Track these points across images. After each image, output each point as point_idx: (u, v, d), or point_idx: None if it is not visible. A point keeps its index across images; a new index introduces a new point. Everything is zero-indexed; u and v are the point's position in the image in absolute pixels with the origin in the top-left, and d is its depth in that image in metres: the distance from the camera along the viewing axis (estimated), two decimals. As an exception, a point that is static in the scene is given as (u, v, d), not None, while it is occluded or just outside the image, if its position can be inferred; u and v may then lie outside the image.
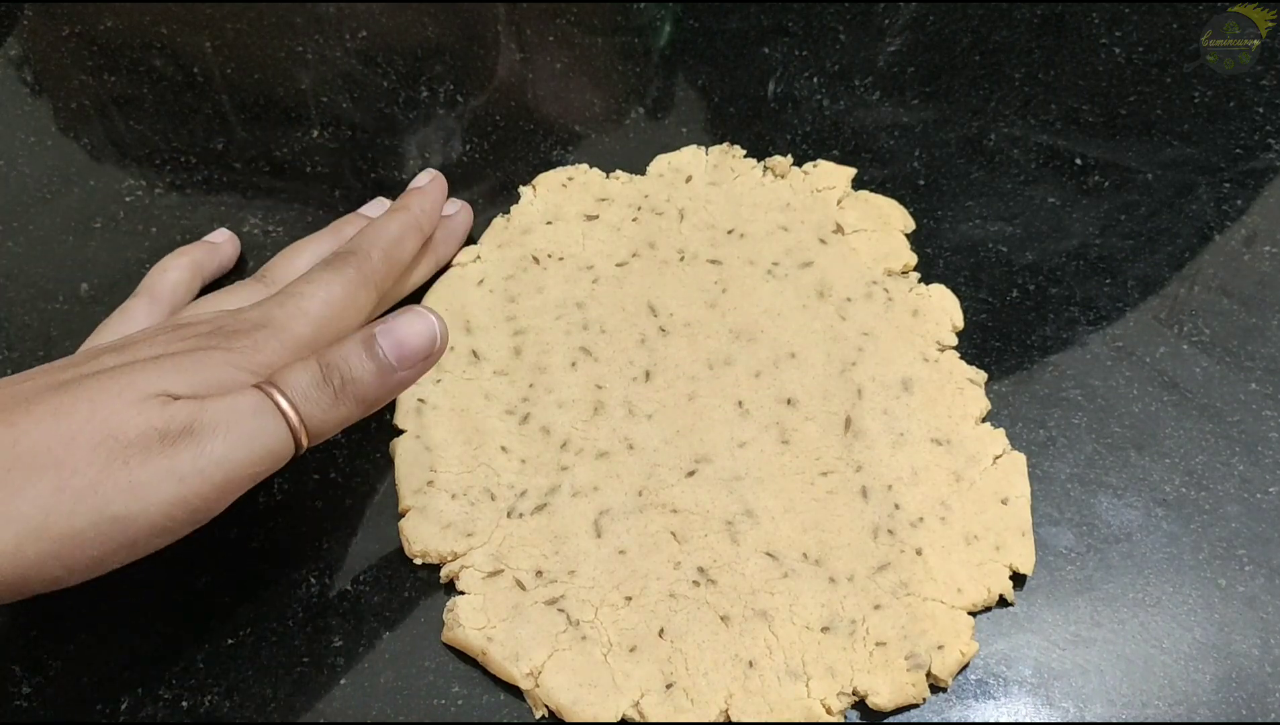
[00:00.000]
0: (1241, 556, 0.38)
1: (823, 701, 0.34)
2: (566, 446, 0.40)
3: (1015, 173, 0.49)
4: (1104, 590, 0.37)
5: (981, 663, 0.36)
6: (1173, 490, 0.40)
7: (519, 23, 0.57)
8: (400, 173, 0.50)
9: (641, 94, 0.54)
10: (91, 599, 0.38)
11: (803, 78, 0.53)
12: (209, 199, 0.49)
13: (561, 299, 0.44)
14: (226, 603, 0.37)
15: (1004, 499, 0.39)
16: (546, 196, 0.48)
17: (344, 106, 0.53)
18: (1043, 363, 0.43)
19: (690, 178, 0.48)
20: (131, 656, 0.36)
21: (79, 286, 0.46)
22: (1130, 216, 0.48)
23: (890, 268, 0.45)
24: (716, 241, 0.46)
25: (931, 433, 0.40)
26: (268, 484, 0.40)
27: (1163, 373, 0.43)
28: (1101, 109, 0.52)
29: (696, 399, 0.41)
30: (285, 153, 0.51)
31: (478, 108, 0.53)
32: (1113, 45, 0.55)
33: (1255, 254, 0.47)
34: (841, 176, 0.48)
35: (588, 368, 0.42)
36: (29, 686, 0.36)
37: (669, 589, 0.37)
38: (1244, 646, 0.36)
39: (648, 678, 0.35)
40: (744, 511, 0.38)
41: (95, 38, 0.56)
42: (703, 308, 0.44)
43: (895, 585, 0.37)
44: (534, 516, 0.38)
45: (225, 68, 0.55)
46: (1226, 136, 0.50)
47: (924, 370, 0.42)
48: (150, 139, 0.52)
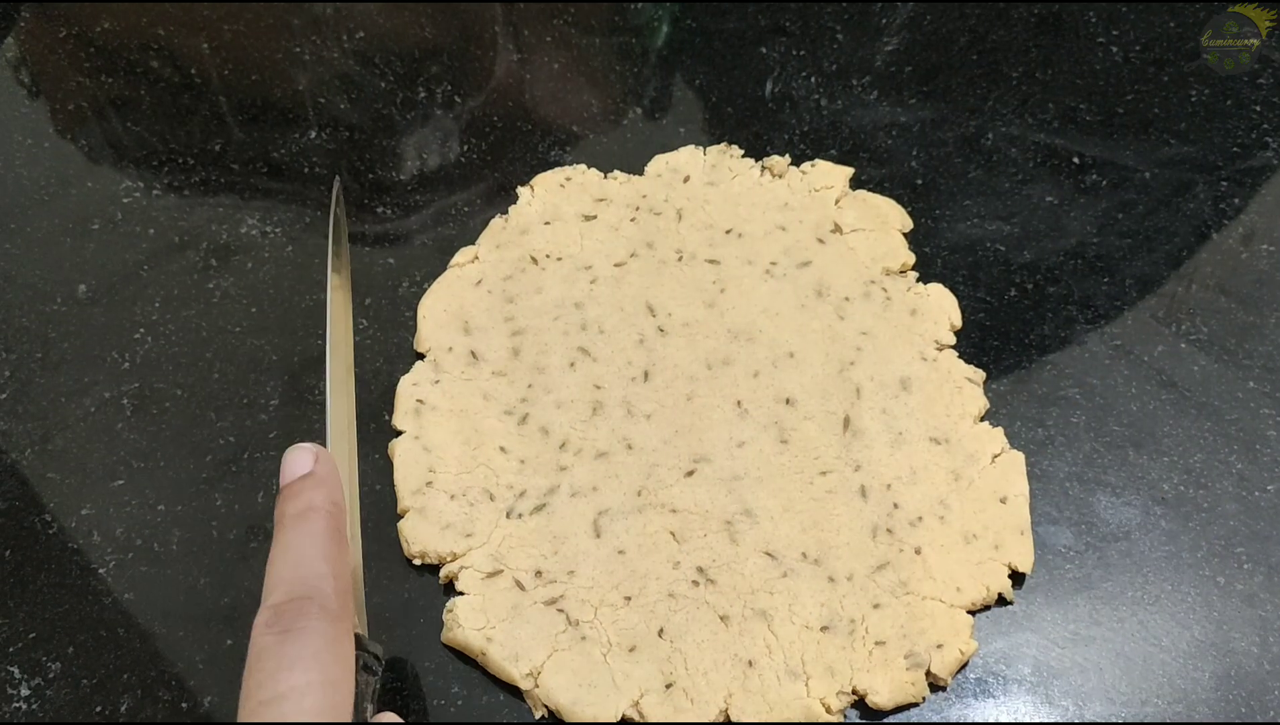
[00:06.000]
0: (1240, 554, 0.38)
1: (822, 700, 0.34)
2: (565, 447, 0.40)
3: (1013, 172, 0.49)
4: (1103, 588, 0.37)
5: (981, 661, 0.36)
6: (1171, 488, 0.40)
7: (516, 23, 0.57)
8: (398, 173, 0.50)
9: (639, 94, 0.54)
10: (91, 600, 0.38)
11: (800, 77, 0.53)
12: (207, 200, 0.49)
13: (560, 299, 0.44)
14: (226, 604, 0.37)
15: (1003, 498, 0.39)
16: (544, 197, 0.48)
17: (341, 107, 0.53)
18: (1041, 361, 0.43)
19: (688, 178, 0.48)
20: (131, 657, 0.36)
21: (77, 288, 0.46)
22: (1128, 215, 0.48)
23: (888, 267, 0.45)
24: (714, 241, 0.46)
25: (930, 432, 0.40)
26: (267, 485, 0.40)
27: (1161, 371, 0.43)
28: (1099, 108, 0.52)
29: (695, 399, 0.41)
30: (283, 154, 0.51)
31: (475, 108, 0.53)
32: (1110, 44, 0.55)
33: (1253, 252, 0.47)
34: (839, 176, 0.48)
35: (586, 368, 0.42)
36: (28, 688, 0.36)
37: (668, 589, 0.37)
38: (1243, 644, 0.36)
39: (647, 678, 0.35)
40: (743, 511, 0.38)
41: (92, 39, 0.56)
42: (701, 308, 0.44)
43: (894, 584, 0.37)
44: (533, 517, 0.38)
45: (223, 69, 0.55)
46: (1224, 135, 0.51)
47: (922, 369, 0.42)
48: (148, 140, 0.51)
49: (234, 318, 0.45)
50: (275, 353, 0.44)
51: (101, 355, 0.44)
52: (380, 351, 0.44)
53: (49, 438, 0.42)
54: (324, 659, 0.27)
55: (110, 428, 0.42)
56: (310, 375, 0.43)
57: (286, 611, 0.27)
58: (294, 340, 0.44)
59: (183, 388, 0.43)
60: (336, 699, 0.27)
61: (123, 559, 0.39)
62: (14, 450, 0.42)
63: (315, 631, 0.27)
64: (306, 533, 0.29)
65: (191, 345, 0.44)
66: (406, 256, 0.47)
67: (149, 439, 0.42)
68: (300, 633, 0.27)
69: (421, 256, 0.47)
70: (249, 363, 0.44)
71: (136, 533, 0.39)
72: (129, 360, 0.44)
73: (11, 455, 0.42)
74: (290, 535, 0.29)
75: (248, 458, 0.41)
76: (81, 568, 0.39)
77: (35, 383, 0.44)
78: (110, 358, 0.44)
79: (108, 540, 0.39)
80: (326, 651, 0.27)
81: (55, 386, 0.43)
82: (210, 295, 0.46)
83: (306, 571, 0.28)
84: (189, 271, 0.47)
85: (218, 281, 0.46)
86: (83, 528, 0.39)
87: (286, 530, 0.29)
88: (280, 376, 0.43)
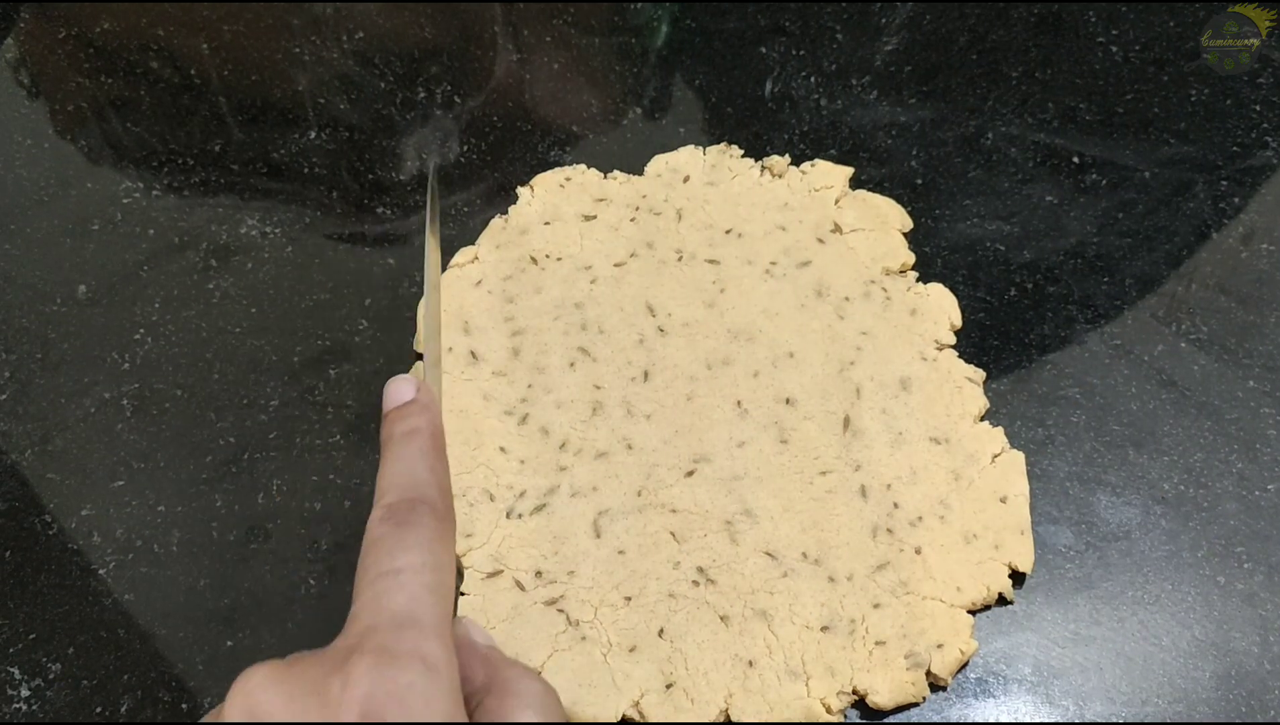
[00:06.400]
0: (1240, 554, 0.38)
1: (822, 700, 0.34)
2: (565, 447, 0.40)
3: (1013, 171, 0.49)
4: (1103, 588, 0.37)
5: (981, 661, 0.36)
6: (1171, 488, 0.40)
7: (516, 23, 0.57)
8: (398, 173, 0.50)
9: (639, 94, 0.54)
10: (91, 601, 0.38)
11: (800, 77, 0.53)
12: (206, 200, 0.49)
13: (560, 299, 0.44)
14: (226, 605, 0.37)
15: (1003, 497, 0.39)
16: (544, 197, 0.48)
17: (341, 108, 0.53)
18: (1041, 361, 0.43)
19: (688, 178, 0.48)
20: (132, 658, 0.36)
21: (76, 288, 0.46)
22: (1128, 215, 0.48)
23: (888, 267, 0.45)
24: (714, 241, 0.46)
25: (930, 431, 0.40)
26: (267, 485, 0.40)
27: (1161, 371, 0.43)
28: (1099, 107, 0.52)
29: (695, 399, 0.41)
30: (283, 154, 0.51)
31: (475, 108, 0.53)
32: (1110, 44, 0.55)
33: (1253, 252, 0.47)
34: (839, 176, 0.48)
35: (586, 368, 0.42)
36: (28, 689, 0.36)
37: (668, 589, 0.37)
38: (1243, 644, 0.36)
39: (647, 678, 0.35)
40: (743, 511, 0.38)
41: (92, 40, 0.56)
42: (701, 308, 0.44)
43: (895, 584, 0.37)
44: (533, 517, 0.38)
45: (222, 69, 0.55)
46: (1224, 134, 0.51)
47: (922, 369, 0.42)
48: (147, 141, 0.51)
49: (234, 318, 0.45)
50: (275, 353, 0.44)
51: (101, 356, 0.44)
52: (380, 352, 0.44)
53: (49, 438, 0.42)
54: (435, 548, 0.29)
55: (110, 428, 0.42)
56: (310, 375, 0.43)
57: (399, 508, 0.29)
58: (294, 340, 0.44)
59: (183, 388, 0.43)
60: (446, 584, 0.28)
61: (123, 560, 0.39)
62: (14, 451, 0.42)
63: (426, 525, 0.29)
64: (414, 447, 0.31)
65: (191, 346, 0.44)
66: (406, 257, 0.47)
67: (149, 440, 0.42)
68: (413, 524, 0.29)
69: (421, 257, 0.47)
70: (249, 363, 0.44)
71: (136, 533, 0.39)
72: (129, 361, 0.44)
73: (11, 456, 0.42)
74: (399, 449, 0.31)
75: (248, 458, 0.41)
76: (81, 569, 0.39)
77: (35, 383, 0.44)
78: (110, 358, 0.44)
79: (108, 541, 0.39)
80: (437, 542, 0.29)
81: (55, 387, 0.43)
82: (210, 295, 0.46)
83: (416, 478, 0.30)
84: (189, 272, 0.47)
85: (218, 282, 0.46)
86: (83, 528, 0.40)
87: (395, 445, 0.31)
88: (280, 376, 0.43)
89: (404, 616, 0.26)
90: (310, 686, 0.24)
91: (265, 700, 0.24)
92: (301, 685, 0.24)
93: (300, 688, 0.24)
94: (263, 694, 0.24)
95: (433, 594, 0.27)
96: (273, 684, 0.25)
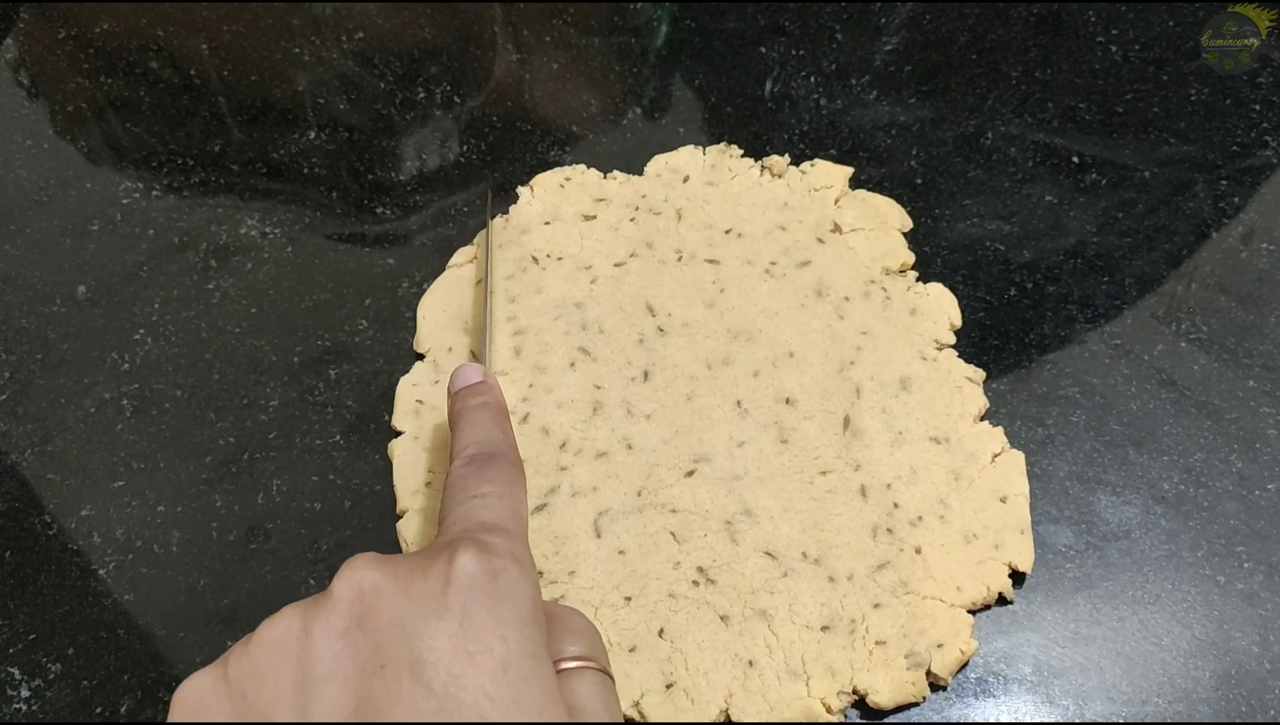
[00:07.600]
0: (1240, 553, 0.38)
1: (823, 700, 0.34)
2: (565, 447, 0.40)
3: (1013, 171, 0.49)
4: (1103, 588, 0.37)
5: (981, 661, 0.36)
6: (1171, 487, 0.40)
7: (516, 23, 0.57)
8: (397, 174, 0.50)
9: (639, 94, 0.54)
10: (91, 601, 0.38)
11: (800, 77, 0.53)
12: (206, 201, 0.49)
13: (560, 299, 0.44)
14: (226, 605, 0.37)
15: (1003, 497, 0.39)
16: (544, 197, 0.48)
17: (341, 108, 0.53)
18: (1041, 361, 0.43)
19: (688, 178, 0.48)
20: (132, 658, 0.36)
21: (76, 289, 0.46)
22: (1128, 214, 0.48)
23: (888, 267, 0.45)
24: (714, 241, 0.46)
25: (930, 431, 0.40)
26: (267, 485, 0.40)
27: (1161, 370, 0.43)
28: (1099, 107, 0.52)
29: (695, 399, 0.41)
30: (282, 154, 0.51)
31: (475, 109, 0.53)
32: (1109, 44, 0.55)
33: (1252, 251, 0.47)
34: (839, 176, 0.48)
35: (586, 368, 0.42)
36: (28, 689, 0.36)
37: (669, 589, 0.37)
38: (1243, 643, 0.36)
39: (648, 677, 0.35)
40: (743, 511, 0.38)
41: (91, 40, 0.56)
42: (701, 307, 0.44)
43: (895, 584, 0.37)
44: (533, 517, 0.38)
45: (222, 70, 0.55)
46: (1223, 134, 0.51)
47: (922, 369, 0.42)
48: (147, 141, 0.52)
49: (234, 318, 0.45)
50: (275, 353, 0.44)
51: (101, 356, 0.44)
52: (380, 352, 0.44)
53: (49, 439, 0.42)
54: (514, 485, 0.32)
55: (110, 429, 0.42)
56: (310, 375, 0.43)
57: (478, 457, 0.32)
58: (294, 340, 0.44)
59: (183, 388, 0.43)
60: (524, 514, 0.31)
61: (123, 560, 0.39)
62: (14, 451, 0.42)
63: (504, 468, 0.32)
64: (487, 415, 0.35)
65: (191, 346, 0.44)
66: (406, 257, 0.47)
67: (149, 440, 0.42)
68: (493, 466, 0.32)
69: (421, 257, 0.47)
70: (249, 363, 0.44)
71: (136, 534, 0.39)
72: (129, 361, 0.44)
73: (11, 456, 0.42)
74: (473, 416, 0.35)
75: (248, 458, 0.41)
76: (81, 569, 0.39)
77: (35, 384, 0.44)
78: (110, 359, 0.44)
79: (108, 541, 0.39)
80: (515, 482, 0.32)
81: (55, 387, 0.43)
82: (210, 296, 0.46)
83: (490, 437, 0.34)
84: (189, 272, 0.47)
85: (217, 282, 0.46)
86: (83, 529, 0.40)
87: (470, 413, 0.35)
88: (280, 377, 0.43)
89: (494, 524, 0.29)
90: (415, 567, 0.26)
91: (372, 578, 0.26)
92: (407, 566, 0.26)
93: (405, 568, 0.26)
94: (370, 572, 0.26)
95: (515, 514, 0.30)
96: (379, 565, 0.26)
